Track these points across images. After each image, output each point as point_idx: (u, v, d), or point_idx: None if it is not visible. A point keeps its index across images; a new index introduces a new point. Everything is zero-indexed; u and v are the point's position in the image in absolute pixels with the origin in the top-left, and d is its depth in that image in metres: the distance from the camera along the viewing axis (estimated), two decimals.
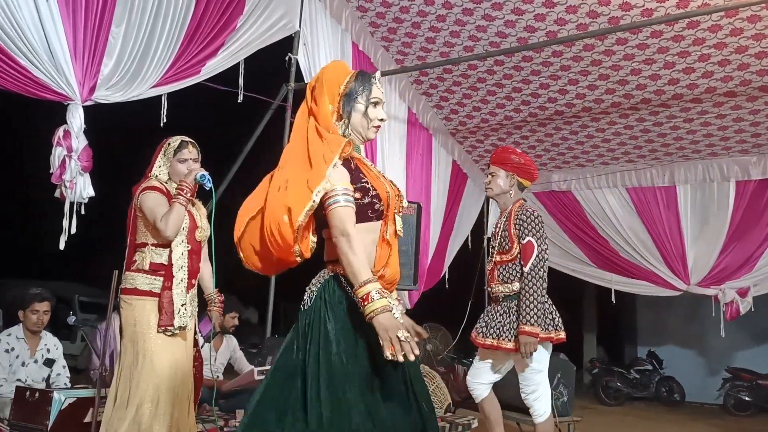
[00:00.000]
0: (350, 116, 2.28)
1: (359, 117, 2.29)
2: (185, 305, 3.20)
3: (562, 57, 6.44)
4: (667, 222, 8.00)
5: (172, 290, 3.17)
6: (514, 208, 3.89)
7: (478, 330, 3.96)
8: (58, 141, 4.04)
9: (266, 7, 5.66)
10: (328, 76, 2.31)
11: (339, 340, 2.10)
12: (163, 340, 3.15)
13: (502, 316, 3.80)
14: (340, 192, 2.10)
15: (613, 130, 7.52)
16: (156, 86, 4.73)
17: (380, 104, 2.33)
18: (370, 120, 2.30)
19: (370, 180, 2.21)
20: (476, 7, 6.02)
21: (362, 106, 2.29)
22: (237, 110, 5.88)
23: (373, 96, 2.30)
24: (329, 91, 2.28)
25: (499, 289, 3.83)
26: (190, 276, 3.27)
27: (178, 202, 3.19)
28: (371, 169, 2.29)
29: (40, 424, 3.85)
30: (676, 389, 10.70)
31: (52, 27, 3.97)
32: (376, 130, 2.35)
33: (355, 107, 2.28)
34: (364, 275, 2.03)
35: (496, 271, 3.83)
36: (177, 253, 3.23)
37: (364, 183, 2.18)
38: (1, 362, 4.48)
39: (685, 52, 6.04)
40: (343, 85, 2.28)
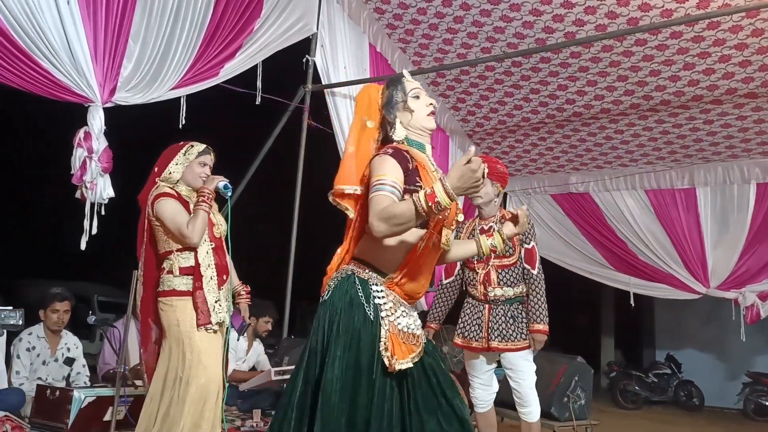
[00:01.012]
0: (396, 119, 2.29)
1: (407, 114, 2.29)
2: (219, 301, 3.24)
3: (580, 58, 6.40)
4: (686, 224, 7.92)
5: (203, 289, 3.20)
6: (507, 214, 3.98)
7: (468, 334, 3.96)
8: (78, 142, 4.09)
9: (284, 10, 5.69)
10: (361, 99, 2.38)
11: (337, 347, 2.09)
12: (209, 339, 3.19)
13: (507, 319, 3.85)
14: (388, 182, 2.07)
15: (632, 132, 7.46)
16: (175, 88, 4.77)
17: (422, 92, 2.32)
18: (420, 109, 2.29)
19: (425, 183, 2.14)
20: (494, 9, 6.00)
21: (402, 103, 2.29)
22: (255, 112, 5.91)
23: (409, 91, 2.30)
24: (365, 112, 2.32)
25: (500, 293, 3.88)
26: (220, 272, 3.30)
27: (202, 208, 3.23)
28: (431, 174, 2.21)
29: (61, 423, 3.90)
30: (694, 393, 10.58)
31: (74, 30, 4.02)
32: (432, 116, 2.31)
33: (398, 107, 2.29)
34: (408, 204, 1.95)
35: (494, 274, 3.89)
36: (202, 253, 3.26)
37: (417, 186, 2.12)
38: (22, 361, 4.53)
39: (706, 53, 5.98)
40: (380, 99, 2.32)
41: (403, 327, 2.13)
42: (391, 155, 2.14)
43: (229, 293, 3.41)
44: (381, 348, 2.07)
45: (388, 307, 2.13)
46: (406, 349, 2.10)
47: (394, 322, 2.12)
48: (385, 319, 2.10)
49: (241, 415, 4.88)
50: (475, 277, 3.95)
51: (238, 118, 8.86)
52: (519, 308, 3.90)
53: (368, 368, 2.07)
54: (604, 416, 7.94)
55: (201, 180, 3.35)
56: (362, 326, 2.10)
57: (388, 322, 2.11)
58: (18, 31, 3.79)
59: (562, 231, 8.77)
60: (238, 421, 4.67)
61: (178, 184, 3.37)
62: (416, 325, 2.19)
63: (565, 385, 5.59)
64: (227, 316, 3.30)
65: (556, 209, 8.79)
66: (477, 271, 3.94)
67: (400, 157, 2.15)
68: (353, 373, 2.06)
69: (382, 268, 2.17)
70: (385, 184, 2.06)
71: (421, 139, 2.30)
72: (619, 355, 13.44)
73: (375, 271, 2.17)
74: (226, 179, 3.37)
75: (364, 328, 2.09)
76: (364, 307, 2.11)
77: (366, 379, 2.07)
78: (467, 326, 3.98)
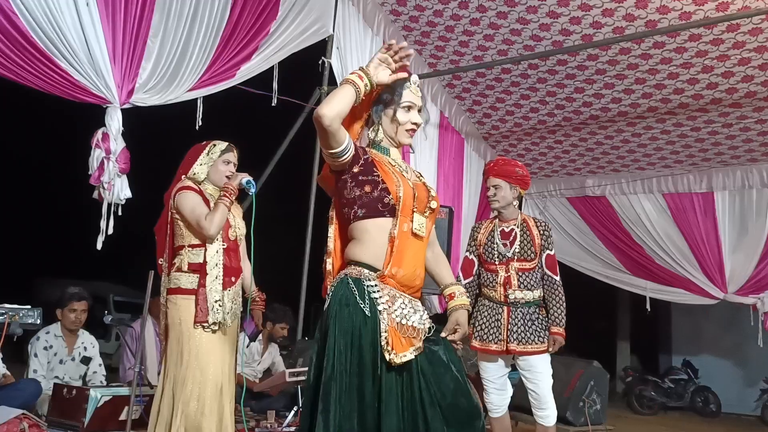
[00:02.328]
0: (380, 121, 2.33)
1: (388, 121, 2.32)
2: (219, 301, 3.23)
3: (597, 60, 6.36)
4: (704, 229, 7.85)
5: (206, 287, 3.21)
6: (528, 219, 3.97)
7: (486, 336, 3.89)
8: (96, 143, 4.12)
9: (300, 12, 5.70)
10: None
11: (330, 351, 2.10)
12: (209, 339, 3.19)
13: (526, 321, 3.82)
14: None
15: (649, 135, 7.40)
16: (192, 90, 4.80)
17: (413, 108, 2.33)
18: (400, 124, 2.31)
19: (382, 174, 2.22)
20: (510, 11, 5.98)
21: (391, 110, 2.31)
22: (271, 113, 5.94)
23: (403, 101, 2.31)
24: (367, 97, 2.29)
25: (520, 295, 3.84)
26: (227, 273, 3.30)
27: (223, 203, 3.25)
28: (389, 166, 2.28)
29: (77, 421, 3.93)
30: (711, 400, 10.46)
31: (93, 32, 4.06)
32: (410, 134, 2.34)
33: (385, 112, 2.32)
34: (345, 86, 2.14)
35: (516, 278, 3.85)
36: (212, 251, 3.27)
37: (375, 176, 2.21)
38: (39, 359, 4.57)
39: (724, 55, 5.92)
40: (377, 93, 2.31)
41: (401, 320, 2.13)
42: None
43: (238, 297, 3.41)
44: (382, 342, 2.08)
45: (384, 300, 2.13)
46: (406, 342, 2.11)
47: (392, 315, 2.12)
48: (383, 313, 2.11)
49: (255, 416, 4.89)
50: (495, 279, 3.89)
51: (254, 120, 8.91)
52: (537, 312, 3.86)
53: (372, 365, 2.08)
54: (620, 421, 7.87)
55: (226, 178, 3.37)
56: (362, 324, 2.10)
57: (386, 315, 2.11)
58: (38, 32, 3.83)
59: (578, 234, 8.72)
60: (251, 422, 4.67)
61: (204, 183, 3.39)
62: (418, 318, 2.18)
63: (581, 390, 5.55)
64: (229, 318, 3.29)
65: (572, 212, 8.74)
66: (498, 272, 3.89)
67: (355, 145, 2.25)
68: (358, 372, 2.06)
69: (372, 264, 2.18)
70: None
71: (389, 145, 2.36)
72: (635, 360, 13.33)
73: (367, 267, 2.18)
74: (249, 176, 3.38)
75: (364, 325, 2.10)
76: (360, 305, 2.11)
77: (371, 377, 2.07)
78: (485, 328, 3.91)
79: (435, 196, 2.33)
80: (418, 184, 2.31)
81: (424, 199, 2.28)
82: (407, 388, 2.12)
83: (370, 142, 2.38)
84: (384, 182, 2.21)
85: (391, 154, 2.34)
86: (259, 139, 7.40)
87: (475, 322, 3.95)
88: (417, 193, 2.26)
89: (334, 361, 2.07)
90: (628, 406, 10.40)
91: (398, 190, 2.20)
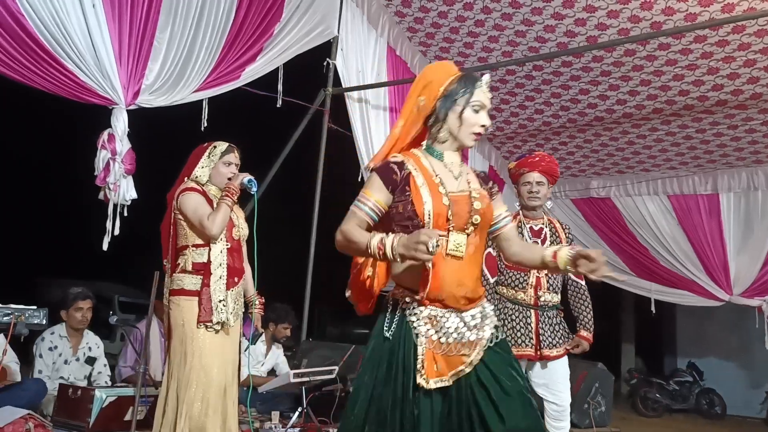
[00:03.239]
0: (446, 118, 2.16)
1: (454, 119, 2.15)
2: (223, 301, 3.25)
3: (602, 62, 6.36)
4: (709, 230, 7.83)
5: (210, 287, 3.22)
6: (553, 220, 3.82)
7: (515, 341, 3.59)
8: (102, 144, 4.14)
9: (304, 13, 5.71)
10: (430, 76, 2.20)
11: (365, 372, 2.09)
12: (211, 339, 3.20)
13: (554, 326, 3.65)
14: (370, 203, 2.10)
15: (654, 137, 7.39)
16: (198, 91, 4.81)
17: (483, 110, 2.17)
18: (470, 125, 2.15)
19: (412, 192, 2.07)
20: (515, 12, 5.98)
21: (459, 108, 2.14)
22: (276, 115, 5.94)
23: (474, 100, 2.15)
24: (428, 91, 2.17)
25: (548, 298, 3.66)
26: (231, 274, 3.31)
27: (225, 203, 3.26)
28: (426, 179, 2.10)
29: (82, 422, 3.94)
30: (717, 402, 10.42)
31: (99, 33, 4.07)
32: (476, 138, 2.19)
33: (453, 109, 2.15)
34: (364, 239, 2.00)
35: (545, 280, 3.66)
36: (216, 251, 3.28)
37: (406, 195, 2.08)
38: (44, 360, 4.58)
39: (730, 57, 5.91)
40: (444, 86, 2.16)
41: (440, 338, 2.05)
42: (377, 171, 2.13)
43: (241, 297, 3.42)
44: (418, 366, 2.02)
45: (422, 323, 2.05)
46: (446, 365, 2.03)
47: (431, 337, 2.04)
48: (420, 337, 2.04)
49: (260, 417, 4.90)
50: (525, 279, 3.64)
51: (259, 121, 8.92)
52: (560, 315, 3.70)
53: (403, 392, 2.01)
54: (625, 423, 7.85)
55: (227, 179, 3.38)
56: (398, 348, 2.05)
57: (424, 339, 2.04)
58: (44, 33, 3.84)
59: (583, 236, 8.71)
60: (256, 423, 4.68)
61: (207, 185, 3.40)
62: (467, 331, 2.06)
63: (586, 392, 5.55)
64: (232, 318, 3.29)
65: (576, 214, 8.73)
66: (529, 272, 3.63)
67: (386, 171, 2.11)
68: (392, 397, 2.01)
69: (411, 286, 2.10)
70: (365, 204, 2.09)
71: (444, 148, 2.19)
72: (640, 362, 13.29)
73: (406, 289, 2.11)
74: (250, 175, 3.39)
75: (400, 349, 2.05)
76: (396, 331, 2.07)
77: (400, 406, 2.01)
78: (516, 333, 3.62)
79: (480, 209, 2.11)
80: (459, 197, 2.11)
81: (463, 214, 2.08)
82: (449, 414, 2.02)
83: (428, 140, 2.22)
84: (413, 201, 2.07)
85: (445, 158, 2.18)
86: (264, 140, 7.41)
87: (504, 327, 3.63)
88: (454, 208, 2.08)
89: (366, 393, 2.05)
90: (633, 408, 10.37)
91: (425, 209, 2.05)
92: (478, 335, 2.08)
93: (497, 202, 2.27)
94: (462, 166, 2.22)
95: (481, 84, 2.18)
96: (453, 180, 2.15)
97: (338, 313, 17.89)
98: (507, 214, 2.29)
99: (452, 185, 2.13)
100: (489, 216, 2.17)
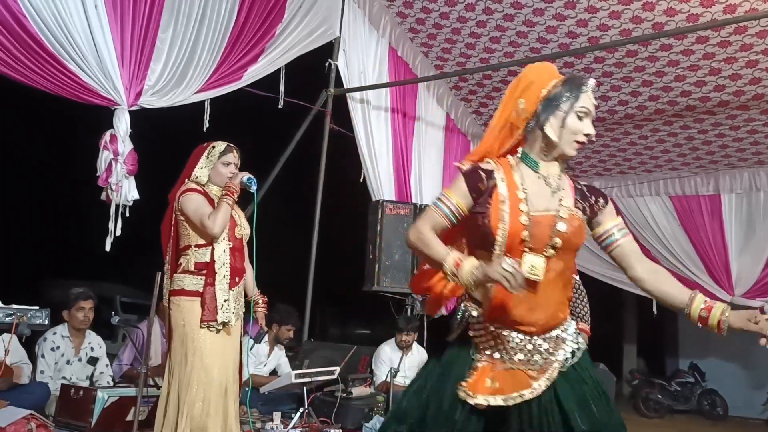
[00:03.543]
0: (551, 125, 1.99)
1: (557, 125, 1.99)
2: (228, 301, 3.26)
3: (604, 63, 6.36)
4: (711, 231, 7.83)
5: (214, 286, 3.22)
6: None
7: None
8: (104, 145, 4.15)
9: (306, 14, 5.73)
10: (531, 77, 2.05)
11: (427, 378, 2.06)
12: (212, 340, 3.20)
13: None
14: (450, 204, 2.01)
15: (656, 138, 7.39)
16: (199, 92, 4.83)
17: (588, 117, 2.00)
18: (572, 133, 1.99)
19: (491, 207, 1.96)
20: (517, 13, 5.98)
21: (563, 114, 1.98)
22: (277, 115, 5.95)
23: (579, 106, 1.98)
24: (529, 93, 2.02)
25: None
26: (233, 273, 3.32)
27: (226, 201, 3.26)
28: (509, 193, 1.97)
29: (84, 422, 3.94)
30: (718, 403, 10.41)
31: (101, 34, 4.09)
32: (578, 147, 2.02)
33: (555, 114, 1.99)
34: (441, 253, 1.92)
35: None
36: (219, 250, 3.29)
37: (486, 207, 1.96)
38: (47, 360, 4.58)
39: (732, 58, 5.91)
40: (547, 89, 2.00)
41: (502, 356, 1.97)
42: (465, 175, 2.02)
43: (241, 297, 3.42)
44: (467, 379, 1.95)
45: (482, 339, 1.99)
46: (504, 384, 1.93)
47: (493, 355, 1.98)
48: (480, 354, 1.99)
49: (261, 417, 4.90)
50: None
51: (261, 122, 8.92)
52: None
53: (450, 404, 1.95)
54: (626, 424, 7.84)
55: (227, 179, 3.38)
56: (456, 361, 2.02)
57: (483, 355, 1.99)
58: (47, 34, 3.86)
59: None
60: (258, 423, 4.68)
61: (207, 185, 3.41)
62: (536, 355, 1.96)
63: None
64: (234, 317, 3.30)
65: None
66: None
67: (473, 178, 2.00)
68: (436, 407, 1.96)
69: (479, 298, 2.02)
70: (445, 205, 2.00)
71: (542, 158, 2.04)
72: (642, 363, 13.28)
73: (474, 302, 2.04)
74: (249, 174, 3.39)
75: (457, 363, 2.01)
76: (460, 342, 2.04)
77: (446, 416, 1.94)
78: None
79: (564, 232, 1.95)
80: (542, 217, 1.95)
81: (543, 236, 1.93)
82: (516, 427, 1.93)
83: (525, 147, 2.07)
84: (490, 216, 1.94)
85: (541, 169, 2.03)
86: (265, 141, 7.41)
87: None
88: (532, 230, 1.93)
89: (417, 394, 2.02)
90: (635, 409, 10.37)
91: (499, 227, 1.93)
92: (549, 359, 1.97)
93: (606, 216, 2.08)
94: (561, 178, 2.06)
95: (586, 89, 2.01)
96: (544, 196, 2.00)
97: (340, 314, 17.90)
98: (617, 229, 2.06)
99: (539, 203, 1.98)
100: (577, 239, 1.99)
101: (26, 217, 14.62)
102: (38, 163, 14.36)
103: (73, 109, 4.54)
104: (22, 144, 13.60)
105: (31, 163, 14.24)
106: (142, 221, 4.43)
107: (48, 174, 14.52)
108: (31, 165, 14.29)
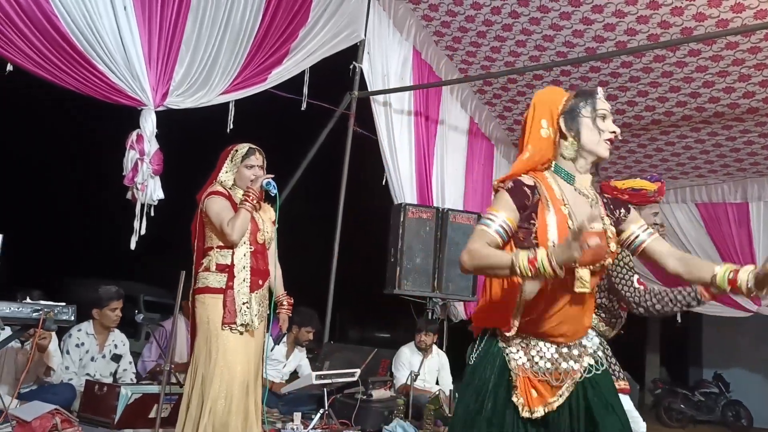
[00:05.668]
0: (579, 133, 2.06)
1: (588, 132, 2.06)
2: (247, 303, 3.27)
3: (631, 68, 6.29)
4: (738, 240, 7.71)
5: (233, 288, 3.24)
6: None
7: None
8: (131, 145, 4.20)
9: (331, 17, 5.75)
10: (543, 99, 2.15)
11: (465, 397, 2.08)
12: (235, 339, 3.23)
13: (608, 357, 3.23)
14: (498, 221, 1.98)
15: (683, 144, 7.29)
16: (224, 93, 4.87)
17: (608, 117, 2.09)
18: (601, 131, 2.06)
19: (538, 222, 1.99)
20: (543, 17, 5.94)
21: (589, 119, 2.06)
22: (301, 117, 5.97)
23: (599, 108, 2.08)
24: (544, 114, 2.11)
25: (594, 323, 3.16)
26: (255, 276, 3.33)
27: (245, 208, 3.27)
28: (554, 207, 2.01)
29: (107, 418, 3.98)
30: (743, 414, 10.24)
31: (129, 35, 4.14)
32: (609, 145, 2.08)
33: (582, 122, 2.06)
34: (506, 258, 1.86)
35: None
36: (239, 254, 3.31)
37: (531, 223, 1.99)
38: (71, 356, 4.64)
39: (762, 64, 5.82)
40: (562, 104, 2.10)
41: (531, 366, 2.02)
42: (510, 191, 2.01)
43: (265, 299, 3.43)
44: (513, 397, 1.99)
45: (515, 351, 2.03)
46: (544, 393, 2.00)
47: (525, 366, 2.01)
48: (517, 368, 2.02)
49: (282, 417, 4.92)
50: None
51: (285, 124, 8.98)
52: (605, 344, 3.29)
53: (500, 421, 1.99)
54: None
55: (250, 182, 3.39)
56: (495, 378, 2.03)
57: (516, 366, 2.01)
58: (77, 34, 3.92)
59: None
60: (279, 423, 4.70)
61: (233, 188, 3.43)
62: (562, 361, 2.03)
63: None
64: (256, 320, 3.31)
65: None
66: None
67: (519, 193, 2.01)
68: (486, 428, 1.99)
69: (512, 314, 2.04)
70: (494, 222, 1.97)
71: (574, 170, 2.09)
72: (665, 372, 13.12)
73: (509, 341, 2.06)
74: (269, 176, 3.39)
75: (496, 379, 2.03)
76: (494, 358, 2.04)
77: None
78: None
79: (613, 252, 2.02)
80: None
81: None
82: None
83: (556, 161, 2.11)
84: (536, 232, 1.98)
85: (576, 182, 2.08)
86: (289, 142, 7.45)
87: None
88: None
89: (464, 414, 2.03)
90: (657, 418, 10.24)
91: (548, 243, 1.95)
92: (574, 366, 2.04)
93: (629, 222, 2.14)
94: (592, 189, 2.12)
95: (599, 94, 2.11)
96: (585, 210, 2.02)
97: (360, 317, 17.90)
98: (642, 231, 2.13)
99: (583, 210, 2.02)
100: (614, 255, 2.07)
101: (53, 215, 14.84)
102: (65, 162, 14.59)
103: (102, 109, 4.60)
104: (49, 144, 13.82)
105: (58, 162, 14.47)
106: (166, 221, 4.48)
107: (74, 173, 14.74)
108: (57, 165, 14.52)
